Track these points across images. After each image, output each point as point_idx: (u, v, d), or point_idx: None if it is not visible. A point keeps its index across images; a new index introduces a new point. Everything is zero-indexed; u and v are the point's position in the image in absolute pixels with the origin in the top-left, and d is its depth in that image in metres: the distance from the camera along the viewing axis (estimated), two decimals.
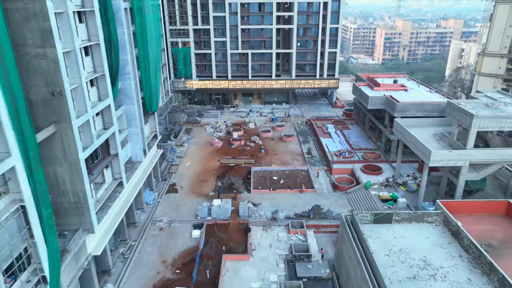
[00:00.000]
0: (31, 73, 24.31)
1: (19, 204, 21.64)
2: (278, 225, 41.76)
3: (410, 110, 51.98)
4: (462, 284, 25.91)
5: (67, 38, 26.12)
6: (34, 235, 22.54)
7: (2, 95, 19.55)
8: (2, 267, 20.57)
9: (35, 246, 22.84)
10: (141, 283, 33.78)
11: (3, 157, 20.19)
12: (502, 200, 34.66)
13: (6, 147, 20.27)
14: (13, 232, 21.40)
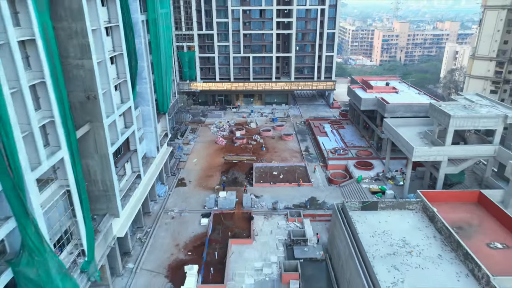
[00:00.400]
0: (71, 81, 29.01)
1: (66, 189, 26.38)
2: (278, 214, 46.50)
3: (399, 111, 56.75)
4: (434, 258, 30.61)
5: (99, 50, 30.82)
6: (76, 215, 27.30)
7: (56, 99, 24.28)
8: (54, 239, 25.31)
9: (76, 224, 27.60)
10: (158, 263, 38.52)
11: (55, 150, 24.94)
12: (474, 190, 39.43)
13: (58, 142, 25.02)
14: (61, 212, 26.15)
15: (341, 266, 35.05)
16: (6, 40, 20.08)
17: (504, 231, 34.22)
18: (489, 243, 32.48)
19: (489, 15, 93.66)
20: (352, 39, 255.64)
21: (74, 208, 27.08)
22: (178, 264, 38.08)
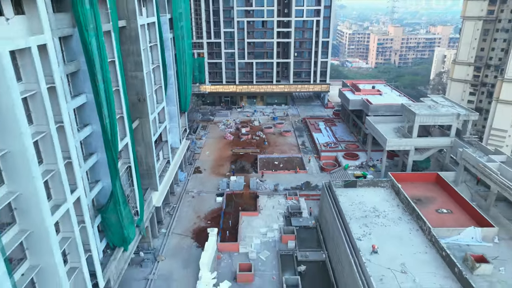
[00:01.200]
0: (128, 87, 39.58)
1: (127, 165, 36.94)
2: (279, 194, 57.09)
3: (380, 110, 67.37)
4: (395, 219, 41.20)
5: (146, 64, 41.41)
6: (134, 185, 37.87)
7: (124, 100, 34.84)
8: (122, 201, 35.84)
9: (133, 192, 38.17)
10: (184, 228, 49.12)
11: (123, 136, 35.50)
12: (433, 172, 50.11)
13: (125, 131, 35.59)
14: (125, 181, 36.70)
15: (328, 229, 45.66)
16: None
17: (452, 202, 44.85)
18: (437, 209, 43.15)
19: (467, 25, 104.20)
20: (349, 42, 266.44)
21: (132, 180, 37.64)
22: (200, 230, 48.65)
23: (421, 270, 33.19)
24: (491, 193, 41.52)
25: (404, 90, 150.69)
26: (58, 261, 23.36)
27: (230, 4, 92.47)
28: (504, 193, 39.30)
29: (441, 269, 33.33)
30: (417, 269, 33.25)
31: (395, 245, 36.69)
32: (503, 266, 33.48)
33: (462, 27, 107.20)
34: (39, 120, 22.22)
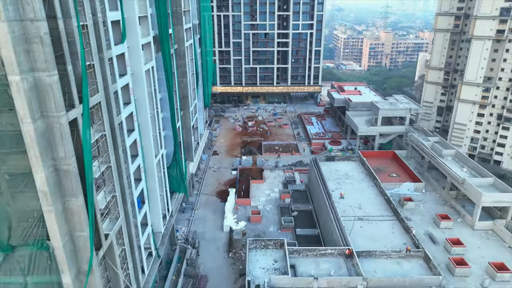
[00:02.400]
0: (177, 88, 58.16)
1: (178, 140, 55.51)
2: (279, 169, 75.70)
3: (358, 107, 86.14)
4: (359, 181, 59.79)
5: (188, 73, 60.05)
6: (182, 154, 56.51)
7: (178, 97, 53.39)
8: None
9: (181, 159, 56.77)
10: (210, 190, 67.80)
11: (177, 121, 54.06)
12: (390, 151, 68.90)
13: (178, 118, 54.18)
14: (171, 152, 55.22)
15: (313, 189, 64.30)
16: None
17: (401, 170, 63.60)
18: (390, 174, 61.90)
19: (438, 36, 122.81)
20: (344, 46, 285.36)
21: (181, 151, 56.24)
22: (222, 191, 67.33)
23: (371, 207, 51.89)
24: (425, 162, 60.33)
25: (390, 91, 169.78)
26: (157, 185, 41.96)
27: (238, 20, 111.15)
28: (432, 161, 58.05)
29: (384, 206, 51.99)
30: (368, 207, 51.95)
31: (356, 194, 55.37)
32: (422, 204, 52.30)
33: (434, 37, 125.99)
34: (150, 107, 40.65)
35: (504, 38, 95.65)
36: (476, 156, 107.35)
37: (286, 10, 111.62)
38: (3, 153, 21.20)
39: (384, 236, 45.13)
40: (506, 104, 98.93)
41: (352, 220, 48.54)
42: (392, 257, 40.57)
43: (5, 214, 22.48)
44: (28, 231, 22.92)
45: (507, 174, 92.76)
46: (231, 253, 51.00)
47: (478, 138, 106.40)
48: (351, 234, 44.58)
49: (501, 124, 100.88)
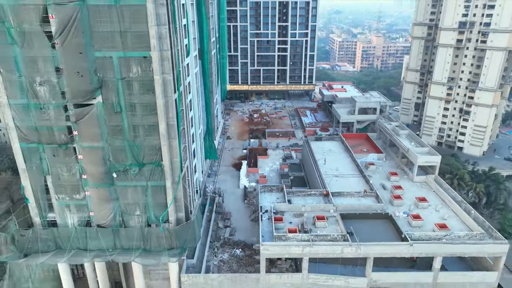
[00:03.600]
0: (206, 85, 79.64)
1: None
2: (279, 149, 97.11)
3: (342, 101, 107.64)
4: (339, 153, 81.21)
5: (214, 73, 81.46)
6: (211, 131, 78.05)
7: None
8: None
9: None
10: (227, 163, 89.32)
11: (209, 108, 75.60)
12: (364, 133, 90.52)
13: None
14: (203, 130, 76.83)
15: (305, 161, 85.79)
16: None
17: (371, 147, 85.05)
18: (362, 149, 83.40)
19: (415, 42, 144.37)
20: (339, 48, 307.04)
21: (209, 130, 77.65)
22: (236, 163, 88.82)
23: (344, 169, 73.29)
24: (387, 140, 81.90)
25: (378, 89, 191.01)
26: (199, 148, 63.37)
27: (245, 29, 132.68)
28: (391, 139, 79.49)
29: (354, 169, 73.36)
30: (343, 169, 73.31)
31: (335, 162, 76.65)
32: (381, 167, 73.85)
33: (412, 44, 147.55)
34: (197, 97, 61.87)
35: (462, 46, 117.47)
36: (443, 143, 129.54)
37: (285, 21, 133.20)
38: (145, 114, 42.54)
39: (351, 186, 66.51)
40: (466, 100, 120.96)
41: (330, 176, 69.91)
42: (354, 196, 61.99)
43: (141, 147, 43.84)
44: (152, 156, 44.30)
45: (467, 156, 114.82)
46: (246, 201, 72.45)
47: (444, 128, 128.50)
48: (329, 184, 65.99)
49: (462, 117, 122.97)
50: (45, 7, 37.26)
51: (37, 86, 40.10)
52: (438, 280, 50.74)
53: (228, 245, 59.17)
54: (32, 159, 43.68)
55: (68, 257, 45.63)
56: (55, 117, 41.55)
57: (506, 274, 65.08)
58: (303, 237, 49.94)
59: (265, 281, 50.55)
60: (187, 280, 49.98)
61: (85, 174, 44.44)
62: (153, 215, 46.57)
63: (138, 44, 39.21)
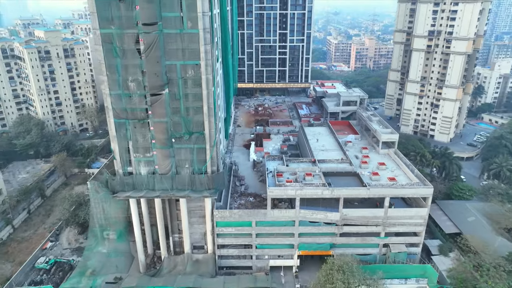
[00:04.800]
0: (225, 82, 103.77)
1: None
2: (279, 134, 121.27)
3: (331, 96, 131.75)
4: (326, 136, 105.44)
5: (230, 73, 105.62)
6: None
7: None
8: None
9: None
10: (238, 144, 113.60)
11: (229, 99, 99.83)
12: (346, 121, 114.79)
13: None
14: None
15: (300, 142, 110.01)
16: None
17: (350, 131, 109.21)
18: (343, 132, 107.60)
19: (396, 46, 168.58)
20: (335, 50, 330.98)
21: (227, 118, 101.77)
22: (246, 144, 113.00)
23: (329, 146, 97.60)
24: (364, 125, 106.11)
25: (368, 87, 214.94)
26: (222, 128, 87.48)
27: (250, 36, 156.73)
28: (366, 124, 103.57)
29: (336, 145, 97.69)
30: (328, 146, 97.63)
31: (322, 141, 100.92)
32: (356, 144, 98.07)
33: (394, 48, 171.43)
34: (220, 90, 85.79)
35: (432, 50, 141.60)
36: (418, 132, 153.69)
37: (285, 29, 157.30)
38: (194, 100, 66.59)
39: (333, 156, 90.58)
40: (435, 95, 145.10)
41: (318, 150, 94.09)
42: (334, 162, 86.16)
43: (191, 122, 67.92)
44: (198, 128, 68.42)
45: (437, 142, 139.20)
46: (255, 169, 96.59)
47: (419, 119, 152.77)
48: (316, 156, 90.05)
49: (432, 109, 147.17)
50: (138, 34, 61.40)
51: (129, 82, 64.25)
52: (388, 214, 74.91)
53: (243, 195, 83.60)
54: (121, 130, 67.85)
55: (143, 193, 69.90)
56: (138, 102, 65.68)
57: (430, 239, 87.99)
58: (296, 184, 74.28)
59: (270, 215, 74.75)
60: (218, 214, 74.23)
61: (154, 140, 68.59)
62: (196, 167, 70.80)
63: (192, 56, 63.34)
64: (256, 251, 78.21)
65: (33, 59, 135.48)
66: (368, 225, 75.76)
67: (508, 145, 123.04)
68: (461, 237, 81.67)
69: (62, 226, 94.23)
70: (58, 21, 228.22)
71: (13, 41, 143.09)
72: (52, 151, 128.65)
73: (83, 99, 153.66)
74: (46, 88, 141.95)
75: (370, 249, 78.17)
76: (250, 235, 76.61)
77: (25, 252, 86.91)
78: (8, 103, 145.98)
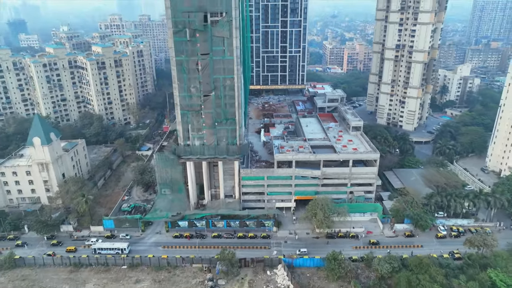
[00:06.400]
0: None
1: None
2: (282, 124, 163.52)
3: (320, 95, 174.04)
4: (315, 123, 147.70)
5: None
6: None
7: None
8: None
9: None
10: (251, 131, 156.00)
11: (247, 95, 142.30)
12: (330, 113, 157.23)
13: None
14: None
15: (297, 129, 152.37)
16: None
17: (332, 120, 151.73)
18: (327, 121, 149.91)
19: (374, 55, 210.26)
20: (330, 54, 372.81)
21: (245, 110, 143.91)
22: (257, 130, 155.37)
23: (316, 131, 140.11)
24: (342, 116, 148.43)
25: (357, 87, 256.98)
26: (243, 117, 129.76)
27: (258, 47, 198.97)
28: (343, 115, 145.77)
29: (321, 130, 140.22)
30: (316, 130, 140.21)
31: (312, 127, 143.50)
32: (336, 129, 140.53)
33: (373, 56, 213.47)
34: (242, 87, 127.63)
35: (398, 60, 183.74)
36: (390, 123, 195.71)
37: (285, 43, 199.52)
38: (229, 98, 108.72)
39: (318, 136, 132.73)
40: (402, 94, 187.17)
41: (308, 133, 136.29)
42: (318, 140, 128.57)
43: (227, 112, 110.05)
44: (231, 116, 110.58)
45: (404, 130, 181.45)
46: (264, 146, 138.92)
47: (390, 113, 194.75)
48: (307, 136, 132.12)
49: (400, 105, 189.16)
50: (197, 60, 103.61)
51: (191, 88, 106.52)
52: (351, 171, 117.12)
53: (258, 162, 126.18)
54: (184, 117, 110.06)
55: (196, 157, 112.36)
56: (195, 100, 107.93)
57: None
58: (293, 152, 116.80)
59: (276, 172, 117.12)
60: (243, 172, 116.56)
61: (204, 123, 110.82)
62: (230, 141, 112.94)
63: (229, 72, 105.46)
64: (267, 197, 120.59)
65: (93, 69, 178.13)
66: (339, 178, 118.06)
67: (451, 131, 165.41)
68: (403, 189, 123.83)
69: (132, 186, 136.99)
70: (95, 34, 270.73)
71: (76, 55, 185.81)
72: (109, 139, 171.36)
73: (127, 99, 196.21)
74: (101, 91, 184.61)
75: (341, 194, 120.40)
76: (263, 186, 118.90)
77: (111, 202, 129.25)
78: (71, 102, 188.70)
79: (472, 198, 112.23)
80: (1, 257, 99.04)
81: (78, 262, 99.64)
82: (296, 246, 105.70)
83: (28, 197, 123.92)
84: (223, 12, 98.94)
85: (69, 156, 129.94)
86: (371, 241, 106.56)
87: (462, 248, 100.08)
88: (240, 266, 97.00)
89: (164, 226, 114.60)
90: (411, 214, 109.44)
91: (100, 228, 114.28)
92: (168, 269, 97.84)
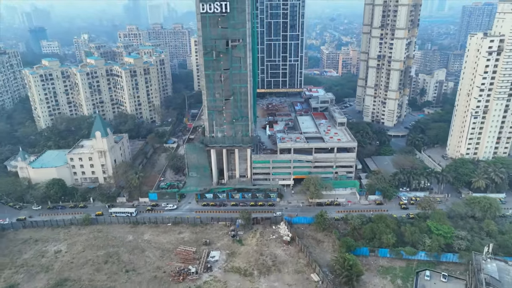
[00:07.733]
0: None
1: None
2: (283, 121, 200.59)
3: (315, 97, 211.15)
4: (309, 120, 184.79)
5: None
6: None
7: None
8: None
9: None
10: (258, 127, 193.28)
11: (255, 95, 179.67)
12: (322, 112, 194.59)
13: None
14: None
15: (295, 125, 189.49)
16: None
17: (323, 117, 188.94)
18: (320, 119, 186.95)
19: (361, 63, 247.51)
20: (327, 58, 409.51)
21: (255, 108, 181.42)
22: (263, 126, 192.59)
23: (310, 126, 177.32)
24: (331, 114, 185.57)
25: (347, 90, 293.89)
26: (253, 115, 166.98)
27: (263, 57, 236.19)
28: (331, 113, 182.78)
29: (314, 126, 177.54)
30: (310, 126, 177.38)
31: (307, 123, 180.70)
32: (326, 124, 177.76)
33: (360, 63, 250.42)
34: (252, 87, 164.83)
35: (380, 67, 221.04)
36: (374, 120, 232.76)
37: (286, 53, 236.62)
38: (244, 101, 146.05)
39: (311, 130, 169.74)
40: (383, 96, 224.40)
41: (304, 128, 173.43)
42: (311, 133, 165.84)
43: (243, 111, 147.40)
44: (245, 114, 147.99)
45: (385, 126, 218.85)
46: (269, 139, 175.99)
47: (374, 112, 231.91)
48: (303, 130, 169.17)
49: (382, 105, 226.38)
50: (221, 73, 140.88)
51: (216, 94, 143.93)
52: (336, 157, 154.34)
53: (264, 150, 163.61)
54: (210, 116, 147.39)
55: (219, 146, 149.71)
56: (219, 103, 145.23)
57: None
58: (291, 142, 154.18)
59: (279, 157, 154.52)
60: (254, 157, 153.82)
61: (225, 120, 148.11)
62: (244, 133, 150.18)
63: (243, 81, 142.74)
64: (272, 176, 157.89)
65: (127, 76, 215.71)
66: (327, 162, 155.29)
67: (421, 126, 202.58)
68: (377, 170, 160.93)
69: (165, 170, 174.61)
70: (120, 44, 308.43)
71: (112, 65, 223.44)
72: (140, 134, 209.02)
73: (153, 101, 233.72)
74: (133, 94, 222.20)
75: (328, 174, 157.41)
76: (269, 168, 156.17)
77: (150, 182, 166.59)
78: (107, 104, 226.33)
79: (426, 175, 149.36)
80: (80, 217, 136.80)
81: (135, 221, 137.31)
82: (294, 211, 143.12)
83: (89, 177, 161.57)
84: (240, 39, 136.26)
85: (118, 146, 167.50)
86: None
87: (416, 212, 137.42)
88: (253, 223, 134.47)
89: (194, 198, 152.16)
90: (380, 187, 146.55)
91: (146, 199, 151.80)
92: (201, 226, 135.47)
